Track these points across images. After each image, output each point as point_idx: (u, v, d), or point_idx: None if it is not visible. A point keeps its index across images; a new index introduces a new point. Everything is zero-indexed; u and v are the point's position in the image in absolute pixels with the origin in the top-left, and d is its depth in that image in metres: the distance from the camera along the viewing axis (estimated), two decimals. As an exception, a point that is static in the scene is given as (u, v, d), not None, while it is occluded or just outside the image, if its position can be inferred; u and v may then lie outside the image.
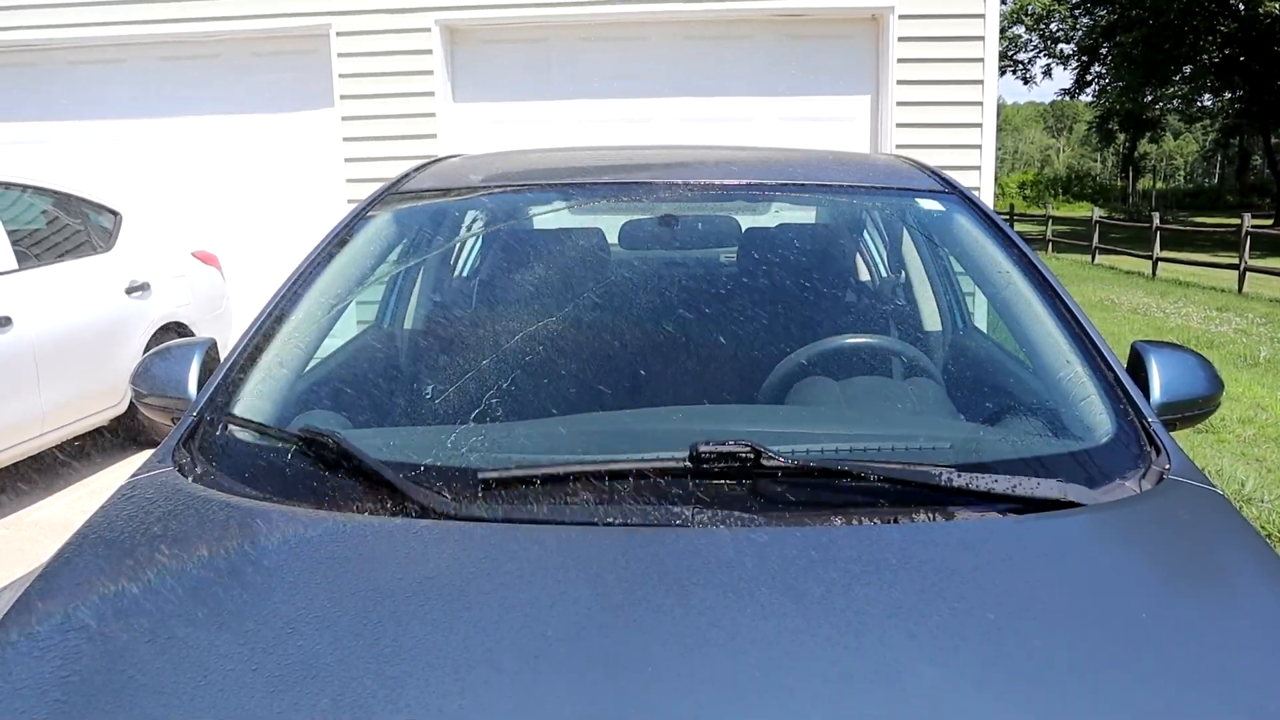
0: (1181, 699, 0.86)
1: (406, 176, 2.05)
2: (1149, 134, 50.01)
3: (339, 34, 5.75)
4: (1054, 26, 31.63)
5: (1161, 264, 15.09)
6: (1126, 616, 0.96)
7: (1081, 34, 31.37)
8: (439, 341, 1.88)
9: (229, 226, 6.15)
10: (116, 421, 4.83)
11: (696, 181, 1.88)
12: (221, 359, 1.60)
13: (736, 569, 1.01)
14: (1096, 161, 72.70)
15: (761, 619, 0.92)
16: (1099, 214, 20.02)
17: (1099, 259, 18.00)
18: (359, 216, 1.89)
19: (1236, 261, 12.92)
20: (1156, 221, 15.75)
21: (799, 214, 2.59)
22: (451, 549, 1.08)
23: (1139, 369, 1.57)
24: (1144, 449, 1.33)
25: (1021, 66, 33.17)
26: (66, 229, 4.64)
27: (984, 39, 5.49)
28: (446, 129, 5.87)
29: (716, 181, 1.90)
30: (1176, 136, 68.72)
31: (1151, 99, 33.65)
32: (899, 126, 5.57)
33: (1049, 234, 21.08)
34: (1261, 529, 3.75)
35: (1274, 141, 29.70)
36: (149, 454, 1.39)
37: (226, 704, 0.83)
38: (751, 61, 5.86)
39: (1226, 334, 8.97)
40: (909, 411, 1.62)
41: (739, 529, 1.09)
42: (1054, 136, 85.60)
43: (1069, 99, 39.66)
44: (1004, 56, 30.85)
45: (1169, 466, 1.29)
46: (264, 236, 6.13)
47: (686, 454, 1.17)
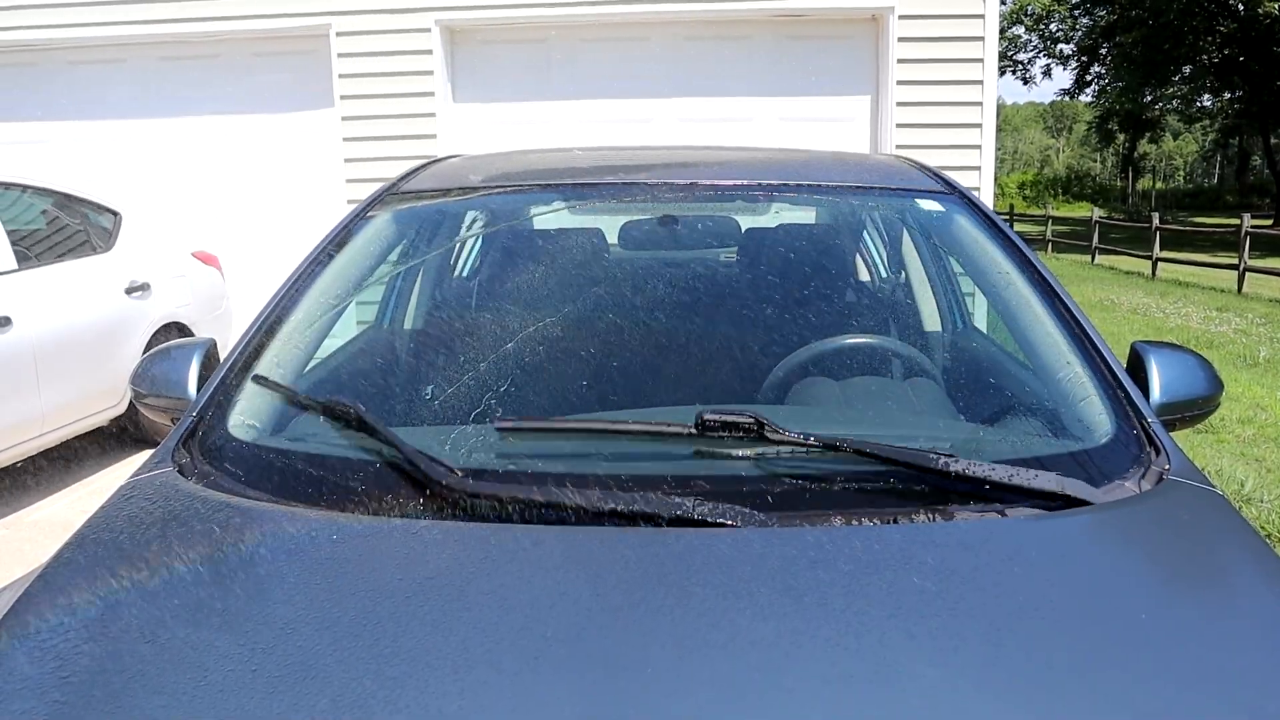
0: (1181, 699, 0.86)
1: (406, 177, 2.05)
2: (1149, 134, 50.03)
3: (339, 34, 5.75)
4: (1054, 27, 31.66)
5: (1161, 264, 15.10)
6: (1126, 617, 0.96)
7: (1081, 34, 31.39)
8: (439, 342, 1.88)
9: (229, 226, 6.15)
10: (116, 422, 4.83)
11: (696, 182, 1.88)
12: (221, 359, 1.60)
13: (736, 569, 1.01)
14: (1096, 162, 72.71)
15: (761, 620, 0.92)
16: (1098, 214, 20.03)
17: (1099, 259, 18.00)
18: (359, 217, 1.89)
19: (1236, 262, 12.93)
20: (1156, 222, 15.75)
21: (799, 214, 2.59)
22: (451, 549, 1.08)
23: (1139, 369, 1.57)
24: (1143, 449, 1.33)
25: (1021, 67, 33.20)
26: (66, 229, 4.64)
27: (984, 39, 5.49)
28: (446, 129, 5.87)
29: (716, 182, 1.90)
30: (1176, 137, 68.74)
31: (1151, 99, 33.66)
32: (899, 127, 5.57)
33: (1049, 234, 21.09)
34: (1261, 529, 3.75)
35: (1273, 142, 29.72)
36: (149, 454, 1.39)
37: (226, 704, 0.83)
38: (751, 62, 5.86)
39: (1226, 334, 8.97)
40: (908, 411, 1.62)
41: (738, 530, 1.09)
42: (1054, 137, 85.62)
43: (1069, 99, 39.70)
44: (1004, 57, 30.86)
45: (1168, 467, 1.29)
46: (264, 236, 6.12)
47: (693, 424, 1.22)
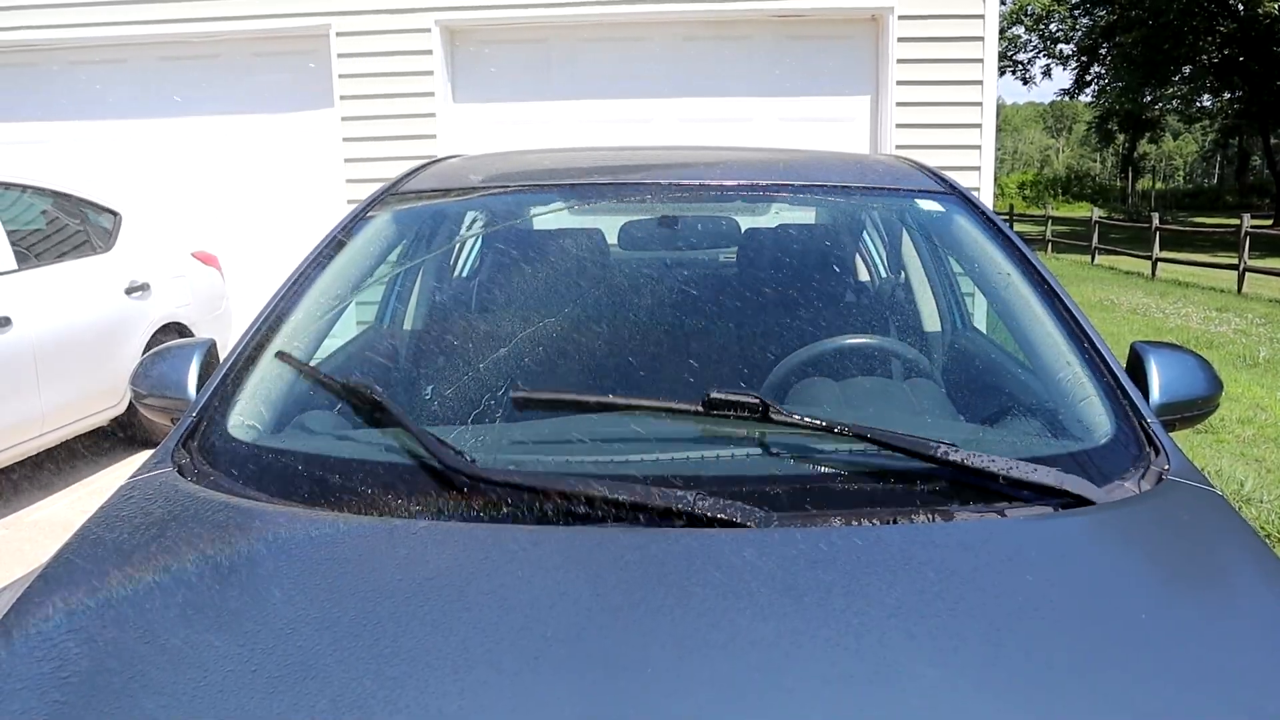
0: (1181, 699, 0.86)
1: (406, 177, 2.05)
2: (1148, 134, 50.04)
3: (339, 34, 5.75)
4: (1053, 27, 31.67)
5: (1161, 264, 15.10)
6: (1126, 617, 0.96)
7: (1081, 34, 31.40)
8: (438, 342, 1.88)
9: (229, 227, 6.15)
10: (116, 422, 4.83)
11: (696, 182, 1.88)
12: (221, 359, 1.60)
13: (736, 570, 1.01)
14: (1096, 162, 72.71)
15: (761, 620, 0.92)
16: (1098, 214, 20.02)
17: (1098, 259, 18.00)
18: (358, 217, 1.89)
19: (1236, 262, 12.93)
20: (1156, 222, 15.75)
21: (798, 214, 2.59)
22: (451, 549, 1.08)
23: (1138, 369, 1.57)
24: (1143, 449, 1.33)
25: (1021, 67, 33.20)
26: (66, 229, 4.64)
27: (983, 39, 5.49)
28: (446, 129, 5.87)
29: (716, 182, 1.90)
30: (1176, 137, 68.74)
31: (1151, 99, 33.67)
32: (899, 127, 5.57)
33: (1048, 234, 21.09)
34: (1261, 529, 3.75)
35: (1273, 142, 29.72)
36: (148, 454, 1.39)
37: (226, 704, 0.83)
38: (751, 62, 5.87)
39: (1226, 334, 8.97)
40: (908, 412, 1.62)
41: (740, 530, 1.09)
42: (1053, 137, 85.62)
43: (1068, 99, 39.69)
44: (1003, 57, 30.87)
45: (1168, 467, 1.29)
46: (264, 237, 6.12)
47: (700, 403, 1.28)
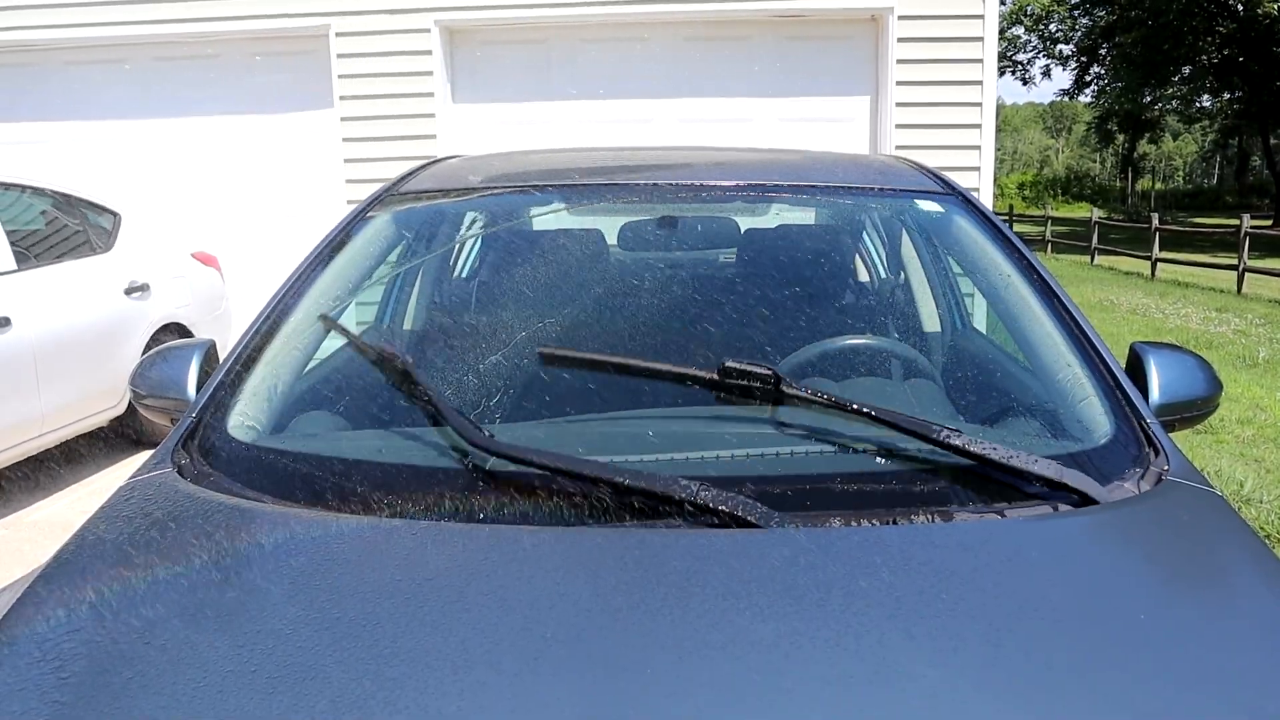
0: (1181, 700, 0.86)
1: (406, 177, 2.05)
2: (1148, 135, 50.02)
3: (338, 34, 5.75)
4: (1053, 27, 31.68)
5: (1160, 265, 15.10)
6: (1125, 617, 0.96)
7: (1080, 35, 31.41)
8: (438, 342, 1.88)
9: (229, 227, 6.15)
10: (116, 422, 4.83)
11: (696, 183, 1.88)
12: (221, 360, 1.60)
13: (736, 569, 1.01)
14: (1095, 162, 72.71)
15: (760, 620, 0.92)
16: (1098, 215, 20.02)
17: (1098, 260, 18.01)
18: (358, 217, 1.89)
19: (1235, 262, 12.93)
20: (1155, 222, 15.76)
21: (798, 215, 2.59)
22: (450, 549, 1.08)
23: (1138, 370, 1.57)
24: (1142, 450, 1.33)
25: (1021, 67, 33.22)
26: (66, 229, 4.64)
27: (983, 40, 5.49)
28: (446, 130, 5.88)
29: (716, 183, 1.90)
30: (1175, 137, 68.77)
31: (1150, 100, 33.67)
32: (898, 127, 5.58)
33: (1048, 235, 21.09)
34: (1260, 530, 3.75)
35: (1273, 142, 29.73)
36: (148, 455, 1.39)
37: (225, 705, 0.83)
38: (751, 62, 5.87)
39: (1225, 335, 8.98)
40: (908, 412, 1.62)
41: (740, 530, 1.09)
42: (1053, 137, 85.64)
43: (1068, 100, 39.71)
44: (1003, 57, 30.87)
45: (1167, 467, 1.29)
46: (264, 237, 6.12)
47: (715, 371, 1.36)
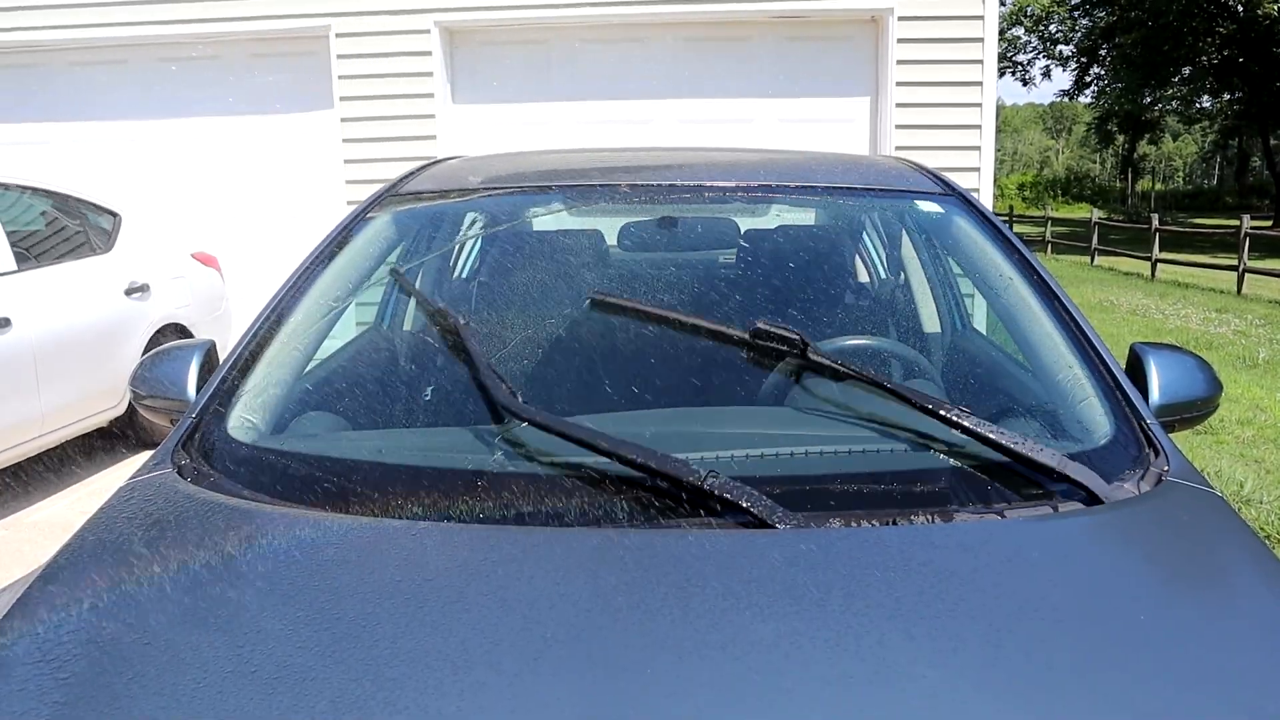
0: (1181, 700, 0.86)
1: (406, 178, 2.05)
2: (1148, 135, 50.01)
3: (338, 35, 5.75)
4: (1053, 28, 31.69)
5: (1160, 265, 15.10)
6: (1125, 618, 0.96)
7: (1080, 35, 31.42)
8: (438, 343, 1.88)
9: (229, 227, 6.15)
10: (116, 423, 4.83)
11: (695, 183, 1.88)
12: (221, 360, 1.60)
13: (736, 569, 1.01)
14: (1095, 163, 72.69)
15: (760, 620, 0.92)
16: (1098, 215, 20.02)
17: (1098, 260, 18.01)
18: (358, 218, 1.89)
19: (1235, 263, 12.93)
20: (1155, 223, 15.76)
21: (798, 216, 2.59)
22: (450, 550, 1.08)
23: (1138, 371, 1.57)
24: (1142, 450, 1.33)
25: (1021, 68, 33.23)
26: (66, 230, 4.64)
27: (983, 40, 5.49)
28: (446, 130, 5.88)
29: (715, 183, 1.90)
30: (1175, 138, 68.77)
31: (1150, 100, 33.67)
32: (898, 128, 5.58)
33: (1048, 235, 21.09)
34: (1260, 530, 3.75)
35: (1273, 143, 29.74)
36: (148, 455, 1.39)
37: (225, 705, 0.83)
38: (751, 63, 5.87)
39: (1225, 335, 8.98)
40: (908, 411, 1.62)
41: (742, 530, 1.09)
42: (1053, 138, 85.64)
43: (1068, 100, 39.71)
44: (1003, 58, 30.88)
45: (1167, 468, 1.29)
46: (264, 237, 6.13)
47: (747, 332, 1.48)
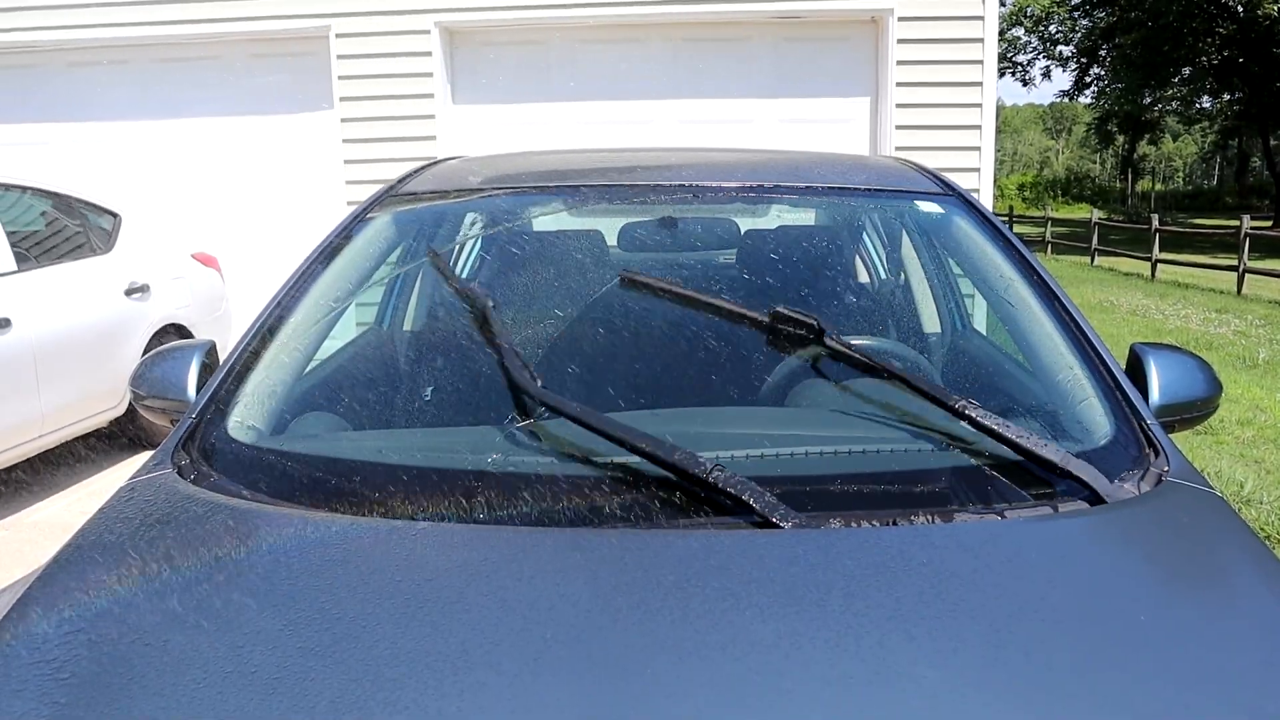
0: (1181, 700, 0.86)
1: (406, 179, 2.05)
2: (1148, 136, 50.00)
3: (338, 35, 5.75)
4: (1053, 28, 31.70)
5: (1160, 266, 15.10)
6: (1125, 618, 0.96)
7: (1080, 36, 31.42)
8: (438, 343, 1.88)
9: (229, 228, 6.15)
10: (116, 423, 4.83)
11: (696, 184, 1.88)
12: (221, 361, 1.60)
13: (736, 570, 1.01)
14: (1095, 163, 72.68)
15: (760, 621, 0.92)
16: (1098, 216, 20.02)
17: (1098, 261, 18.01)
18: (358, 218, 1.89)
19: (1235, 263, 12.93)
20: (1155, 223, 15.76)
21: (798, 216, 2.59)
22: (450, 550, 1.08)
23: (1138, 371, 1.58)
24: (1142, 451, 1.33)
25: (1021, 68, 33.25)
26: (66, 230, 4.64)
27: (983, 41, 5.50)
28: (446, 130, 5.88)
29: (716, 184, 1.90)
30: (1175, 138, 68.76)
31: (1150, 101, 33.69)
32: (898, 128, 5.58)
33: (1048, 235, 21.09)
34: (1260, 531, 3.75)
35: (1273, 143, 29.74)
36: (148, 456, 1.39)
37: (225, 705, 0.83)
38: (751, 64, 5.87)
39: (1225, 336, 8.98)
40: (909, 411, 1.62)
41: (742, 530, 1.09)
42: (1053, 138, 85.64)
43: (1068, 101, 39.72)
44: (1003, 58, 30.90)
45: (1167, 468, 1.29)
46: (264, 238, 6.13)
47: (766, 314, 1.53)
